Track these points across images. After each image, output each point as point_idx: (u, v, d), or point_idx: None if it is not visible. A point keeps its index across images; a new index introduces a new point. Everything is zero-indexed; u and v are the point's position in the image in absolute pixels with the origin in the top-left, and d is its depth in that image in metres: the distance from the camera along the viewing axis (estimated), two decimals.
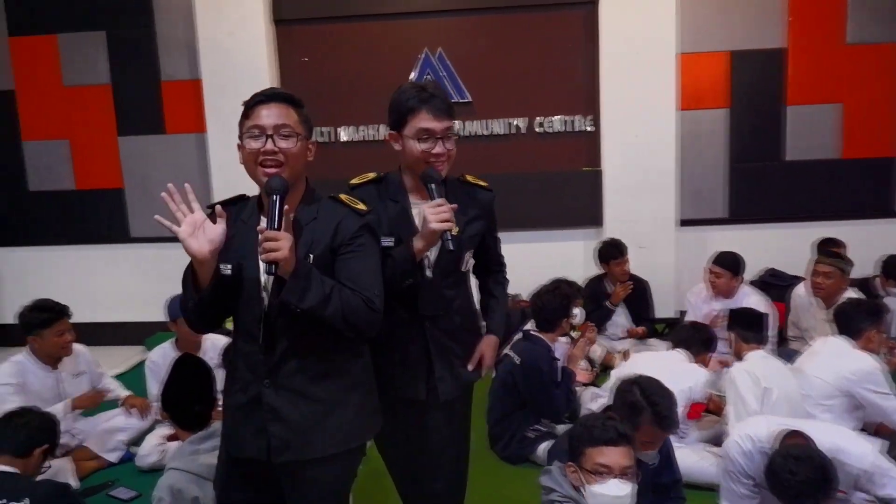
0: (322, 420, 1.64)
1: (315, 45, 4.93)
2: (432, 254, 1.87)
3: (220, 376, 3.13)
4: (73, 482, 2.98)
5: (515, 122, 4.91)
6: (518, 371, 3.10)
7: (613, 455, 1.86)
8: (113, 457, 3.24)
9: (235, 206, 1.71)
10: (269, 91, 1.66)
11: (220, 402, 3.07)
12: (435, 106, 1.81)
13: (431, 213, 1.73)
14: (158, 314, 3.66)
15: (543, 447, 3.03)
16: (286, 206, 1.52)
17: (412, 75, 4.86)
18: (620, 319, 4.46)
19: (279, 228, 1.48)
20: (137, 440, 3.29)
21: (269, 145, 1.58)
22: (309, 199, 1.68)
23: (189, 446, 2.07)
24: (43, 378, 3.22)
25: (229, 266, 1.60)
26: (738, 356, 3.02)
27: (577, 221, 4.97)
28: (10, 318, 3.88)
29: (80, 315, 3.35)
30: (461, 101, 4.86)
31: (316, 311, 1.50)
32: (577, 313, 4.10)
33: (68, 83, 5.06)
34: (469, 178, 2.03)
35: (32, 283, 5.10)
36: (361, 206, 1.68)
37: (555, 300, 3.21)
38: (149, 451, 3.11)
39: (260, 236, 1.47)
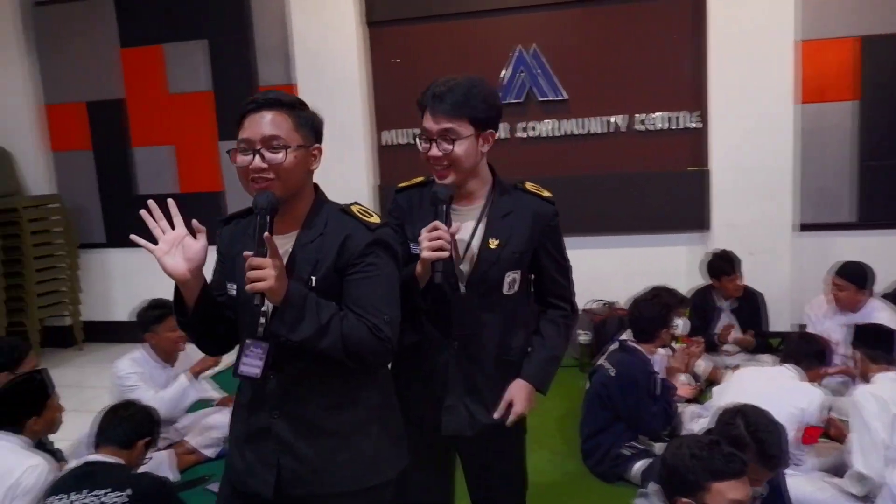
0: (336, 455, 1.55)
1: (406, 46, 5.05)
2: (466, 268, 1.75)
3: None
4: (173, 475, 3.21)
5: (614, 120, 4.81)
6: (612, 383, 3.03)
7: (743, 488, 1.78)
8: (210, 452, 3.44)
9: (245, 219, 1.63)
10: (260, 96, 1.52)
11: None
12: (437, 105, 1.69)
13: (425, 239, 1.62)
14: None
15: (639, 466, 2.95)
16: (266, 234, 1.39)
17: (504, 73, 4.88)
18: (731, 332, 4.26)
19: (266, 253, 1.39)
20: None
21: (257, 161, 1.47)
22: (315, 212, 1.56)
23: None
24: (160, 374, 3.47)
25: (234, 286, 1.53)
26: (865, 378, 2.81)
27: (681, 225, 4.80)
28: (121, 315, 4.23)
29: None
30: (556, 98, 4.83)
31: (310, 342, 1.41)
32: (681, 324, 3.97)
33: (174, 91, 5.46)
34: (529, 186, 1.86)
35: (140, 283, 5.51)
36: (374, 219, 1.54)
37: (653, 309, 3.12)
38: None
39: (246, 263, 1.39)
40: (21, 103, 5.62)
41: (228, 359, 1.70)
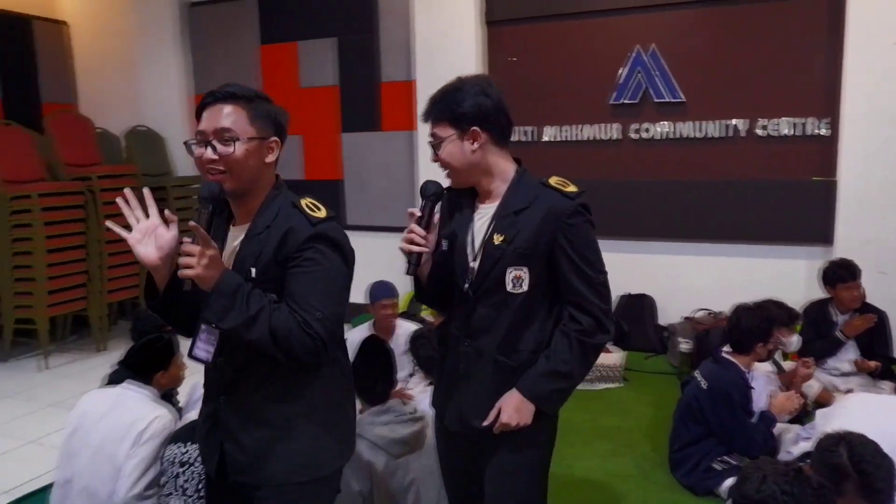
0: (273, 447, 1.55)
1: (523, 45, 5.06)
2: (476, 264, 1.70)
3: (404, 363, 3.42)
4: None
5: (734, 124, 4.56)
6: (704, 396, 2.90)
7: None
8: None
9: (225, 213, 1.66)
10: (217, 90, 1.54)
11: (401, 385, 3.37)
12: (425, 112, 1.71)
13: (406, 231, 1.66)
14: (362, 297, 4.07)
15: (730, 482, 2.81)
16: (191, 223, 1.41)
17: (620, 73, 4.77)
18: (847, 354, 3.93)
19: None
20: None
21: (208, 153, 1.49)
22: (267, 203, 1.55)
23: (368, 417, 2.28)
24: None
25: None
26: None
27: (802, 238, 4.48)
28: None
29: None
30: (673, 100, 4.66)
31: (238, 332, 1.42)
32: (794, 341, 3.73)
33: (304, 85, 5.80)
34: (553, 180, 1.69)
35: None
36: (320, 214, 1.52)
37: (754, 319, 2.92)
38: None
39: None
40: (175, 94, 6.21)
41: None
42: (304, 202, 1.53)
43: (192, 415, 2.47)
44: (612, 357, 4.22)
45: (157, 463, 2.34)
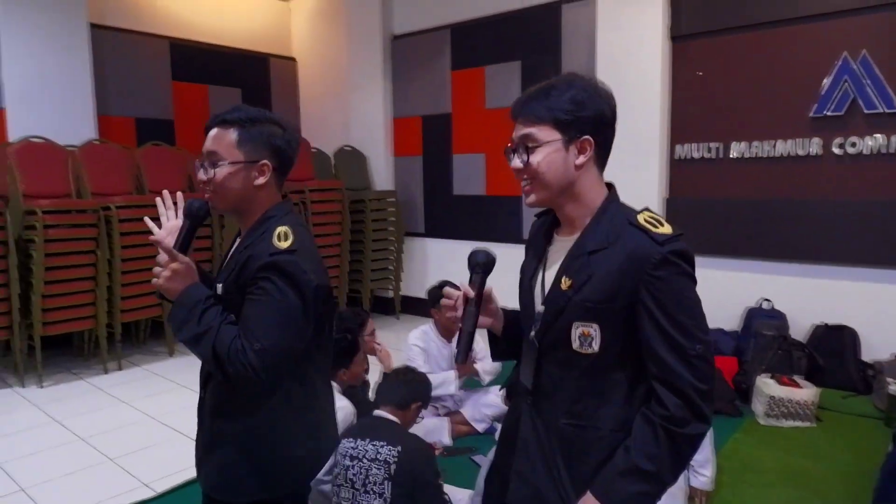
0: (208, 452, 1.55)
1: (711, 58, 4.57)
2: (543, 309, 1.30)
3: None
4: (447, 440, 3.42)
5: None
6: None
7: None
8: (480, 427, 3.58)
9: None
10: (216, 114, 1.52)
11: None
12: (517, 109, 1.30)
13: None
14: None
15: None
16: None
17: (825, 82, 4.10)
18: None
19: (184, 253, 1.46)
20: (500, 417, 3.60)
21: (200, 174, 1.49)
22: (255, 227, 1.50)
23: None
24: (440, 347, 3.73)
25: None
26: None
27: None
28: None
29: None
30: (888, 111, 3.90)
31: (189, 345, 1.43)
32: None
33: (489, 106, 5.79)
34: (643, 217, 1.23)
35: (448, 268, 6.05)
36: (283, 244, 1.42)
37: None
38: None
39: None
40: (378, 117, 6.55)
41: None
42: (278, 230, 1.44)
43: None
44: (802, 392, 3.60)
45: (335, 451, 2.39)
